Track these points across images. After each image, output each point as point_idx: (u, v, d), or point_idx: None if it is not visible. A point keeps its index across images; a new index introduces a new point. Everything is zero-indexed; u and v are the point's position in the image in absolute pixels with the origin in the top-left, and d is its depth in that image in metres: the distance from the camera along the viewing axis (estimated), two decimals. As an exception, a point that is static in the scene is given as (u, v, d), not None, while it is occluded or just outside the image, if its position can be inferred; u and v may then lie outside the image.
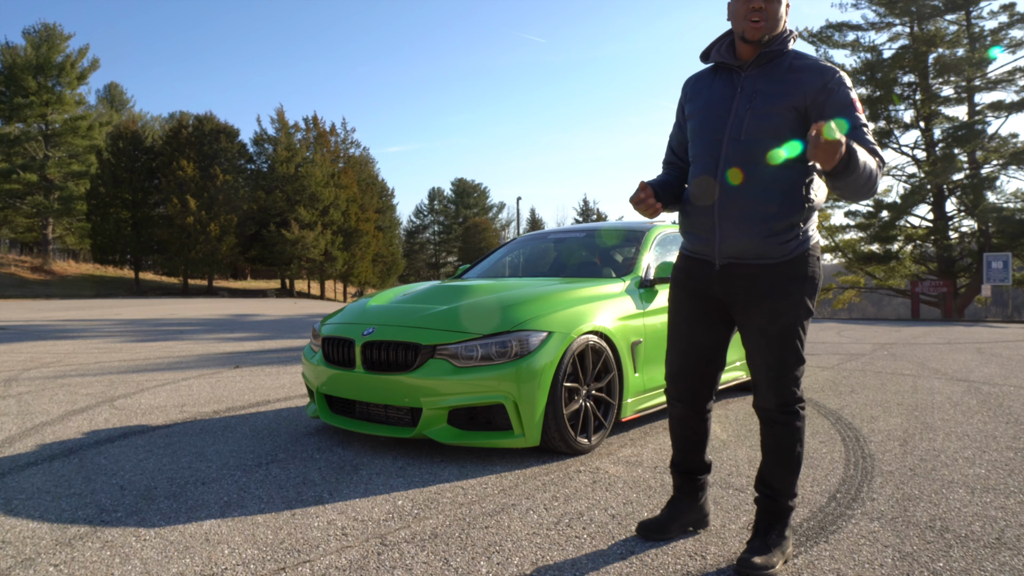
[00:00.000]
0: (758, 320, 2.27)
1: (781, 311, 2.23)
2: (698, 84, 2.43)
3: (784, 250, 2.23)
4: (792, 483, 2.33)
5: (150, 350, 8.90)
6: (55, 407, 4.92)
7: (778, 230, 2.21)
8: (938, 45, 27.86)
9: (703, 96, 2.37)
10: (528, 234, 6.01)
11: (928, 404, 5.11)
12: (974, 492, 3.03)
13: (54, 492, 3.04)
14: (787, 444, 2.31)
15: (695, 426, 2.50)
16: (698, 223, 2.34)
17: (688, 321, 2.42)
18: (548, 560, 2.33)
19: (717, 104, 2.31)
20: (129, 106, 58.82)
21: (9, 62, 39.14)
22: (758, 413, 2.36)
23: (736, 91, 2.28)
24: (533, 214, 68.81)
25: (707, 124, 2.32)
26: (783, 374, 2.25)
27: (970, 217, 28.35)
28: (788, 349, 2.24)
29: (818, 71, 2.21)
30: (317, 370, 3.95)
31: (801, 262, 2.25)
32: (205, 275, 41.07)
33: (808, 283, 2.25)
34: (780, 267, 2.24)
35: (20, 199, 40.60)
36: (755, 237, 2.22)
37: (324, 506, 2.85)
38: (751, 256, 2.25)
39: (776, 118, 2.20)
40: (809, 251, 2.26)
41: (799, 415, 2.30)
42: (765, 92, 2.23)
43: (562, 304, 3.78)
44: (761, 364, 2.29)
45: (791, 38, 2.27)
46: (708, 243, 2.31)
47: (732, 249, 2.26)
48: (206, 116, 42.13)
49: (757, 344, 2.29)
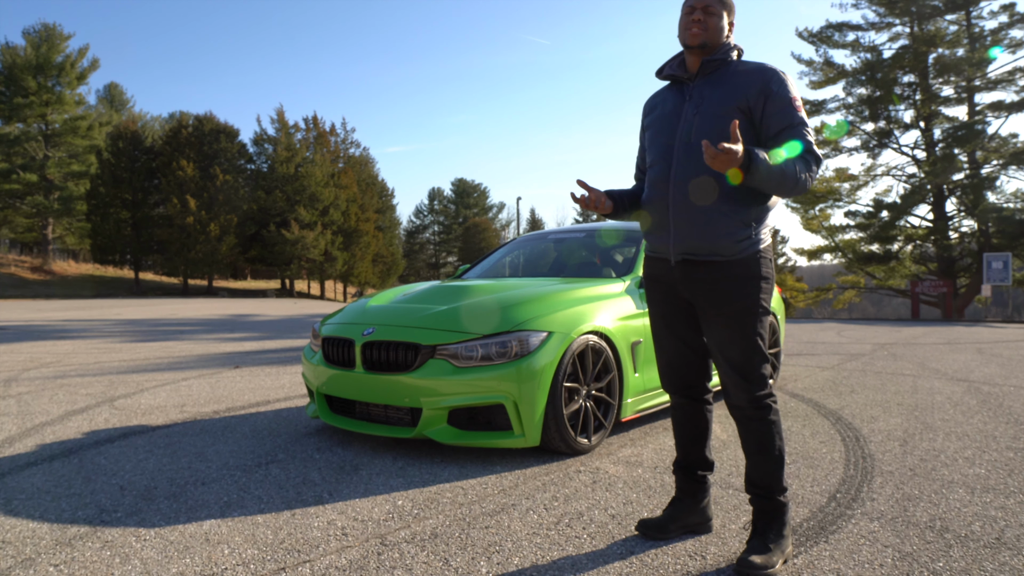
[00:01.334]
0: (715, 318, 2.35)
1: (737, 309, 2.31)
2: (653, 100, 2.59)
3: (735, 249, 2.30)
4: (779, 478, 2.35)
5: (150, 350, 8.90)
6: (55, 407, 4.92)
7: (730, 228, 2.29)
8: (938, 45, 27.88)
9: (658, 109, 2.53)
10: (528, 234, 6.01)
11: (928, 404, 5.11)
12: (974, 492, 3.03)
13: (54, 492, 3.04)
14: (766, 439, 2.34)
15: (693, 417, 2.56)
16: (654, 222, 2.45)
17: (665, 320, 2.52)
18: (548, 560, 2.33)
19: (669, 113, 2.45)
20: (129, 106, 58.83)
21: (9, 62, 39.14)
22: (732, 413, 2.41)
23: (685, 99, 2.42)
24: (533, 214, 68.90)
25: (660, 132, 2.47)
26: (748, 372, 2.31)
27: (970, 217, 28.36)
28: (749, 347, 2.31)
29: (759, 72, 2.31)
30: (317, 370, 3.95)
31: (753, 261, 2.32)
32: (205, 275, 41.07)
33: (763, 283, 2.33)
34: (732, 265, 2.31)
35: (20, 199, 40.60)
36: (706, 235, 2.30)
37: (324, 506, 2.85)
38: (703, 252, 2.33)
39: (723, 119, 2.29)
40: (760, 252, 2.34)
41: (771, 408, 2.35)
42: (710, 97, 2.35)
43: (562, 304, 3.78)
44: (725, 364, 2.35)
45: (735, 51, 2.41)
46: (664, 240, 2.42)
47: (685, 246, 2.35)
48: (206, 116, 42.12)
49: (718, 342, 2.36)
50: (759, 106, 2.28)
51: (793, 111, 2.26)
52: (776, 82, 2.27)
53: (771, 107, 2.26)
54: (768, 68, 2.31)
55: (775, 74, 2.29)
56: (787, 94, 2.27)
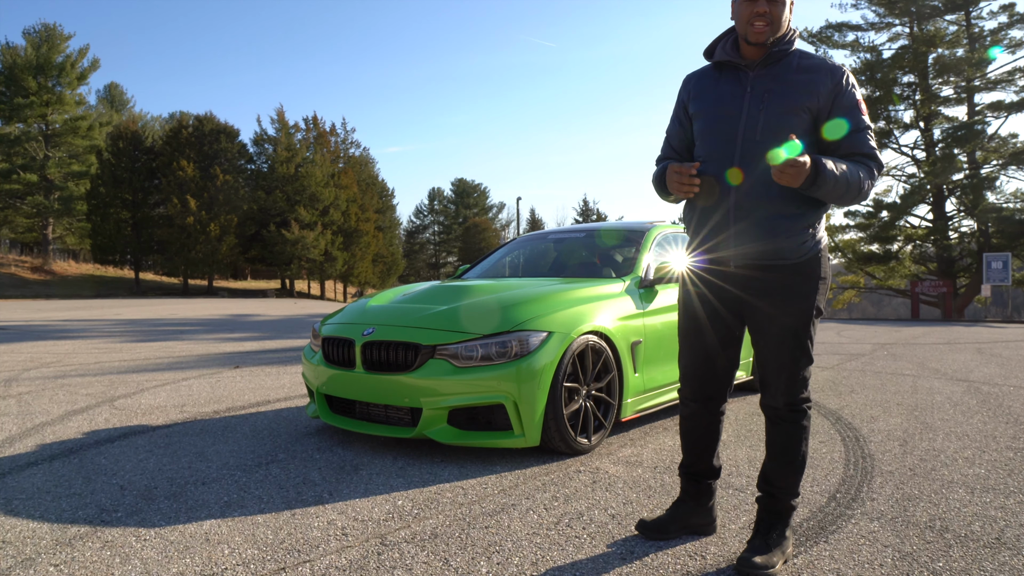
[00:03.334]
0: (769, 320, 2.27)
1: (794, 311, 2.24)
2: (702, 82, 2.38)
3: (800, 251, 2.23)
4: (796, 483, 2.34)
5: (150, 350, 8.90)
6: (55, 407, 4.92)
7: (791, 231, 2.21)
8: (938, 45, 27.86)
9: (709, 95, 2.33)
10: (528, 234, 6.01)
11: (928, 404, 5.11)
12: (974, 492, 3.03)
13: (54, 492, 3.04)
14: (793, 443, 2.31)
15: (707, 426, 2.49)
16: (711, 224, 2.31)
17: (701, 321, 2.40)
18: (548, 560, 2.33)
19: (727, 104, 2.27)
20: (129, 106, 58.83)
21: (9, 62, 39.13)
22: (765, 412, 2.36)
23: (745, 91, 2.25)
24: (533, 214, 68.80)
25: (717, 124, 2.29)
26: (793, 373, 2.26)
27: (970, 217, 28.35)
28: (799, 348, 2.26)
29: (828, 71, 2.22)
30: (317, 370, 3.95)
31: (815, 262, 2.26)
32: (205, 275, 41.06)
33: (821, 283, 2.27)
34: (795, 267, 2.24)
35: (20, 199, 40.59)
36: (768, 238, 2.21)
37: (324, 506, 2.85)
38: (768, 257, 2.24)
39: (791, 118, 2.19)
40: (821, 251, 2.28)
41: (806, 414, 2.31)
42: (777, 93, 2.21)
43: (562, 304, 3.78)
44: (772, 363, 2.29)
45: (795, 37, 2.27)
46: (723, 244, 2.29)
47: (748, 250, 2.25)
48: (206, 116, 42.11)
49: (768, 343, 2.29)
50: (827, 107, 2.19)
51: (860, 114, 2.19)
52: (846, 83, 2.20)
53: (838, 109, 2.19)
54: (837, 67, 2.22)
55: (844, 75, 2.21)
56: (855, 96, 2.20)
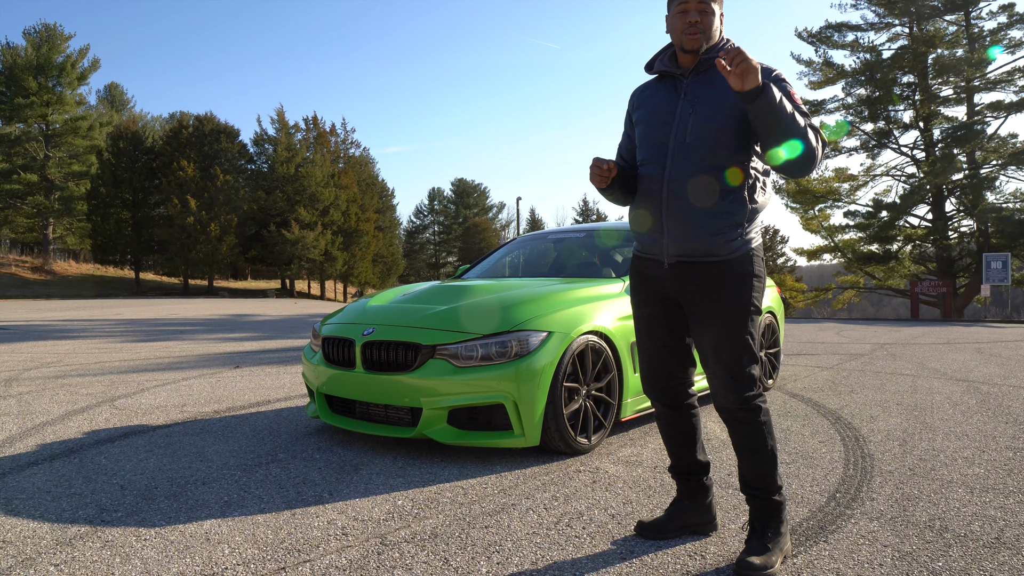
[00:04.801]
0: (707, 320, 2.32)
1: (728, 308, 2.29)
2: (643, 93, 2.53)
3: (729, 248, 2.29)
4: (773, 478, 2.34)
5: (150, 350, 8.90)
6: (56, 407, 4.92)
7: (722, 228, 2.28)
8: (937, 45, 27.87)
9: (648, 104, 2.47)
10: (528, 234, 6.02)
11: (927, 404, 5.11)
12: (973, 492, 3.03)
13: (54, 492, 3.04)
14: (758, 440, 2.32)
15: (679, 424, 2.53)
16: (647, 223, 2.41)
17: (650, 322, 2.49)
18: (548, 560, 2.33)
19: (662, 110, 2.40)
20: (129, 106, 58.84)
21: (9, 62, 39.12)
22: (722, 415, 2.39)
23: (679, 97, 2.37)
24: (533, 214, 68.83)
25: (653, 129, 2.41)
26: (737, 372, 2.29)
27: (969, 217, 28.36)
28: (739, 345, 2.29)
29: None
30: (317, 370, 3.95)
31: (746, 260, 2.31)
32: (205, 275, 41.05)
33: (754, 280, 2.32)
34: (725, 264, 2.30)
35: (21, 199, 40.57)
36: (701, 235, 2.29)
37: (324, 506, 2.85)
38: (697, 254, 2.31)
39: (719, 120, 2.27)
40: (753, 250, 2.34)
41: (761, 409, 2.33)
42: (707, 96, 2.32)
43: (562, 304, 3.79)
44: (713, 362, 2.33)
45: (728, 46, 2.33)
46: (657, 242, 2.39)
47: (679, 247, 2.33)
48: (206, 116, 42.10)
49: (709, 344, 2.33)
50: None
51: (793, 103, 2.21)
52: (772, 79, 2.24)
53: None
54: (765, 68, 2.27)
55: (770, 72, 2.26)
56: (786, 88, 2.23)
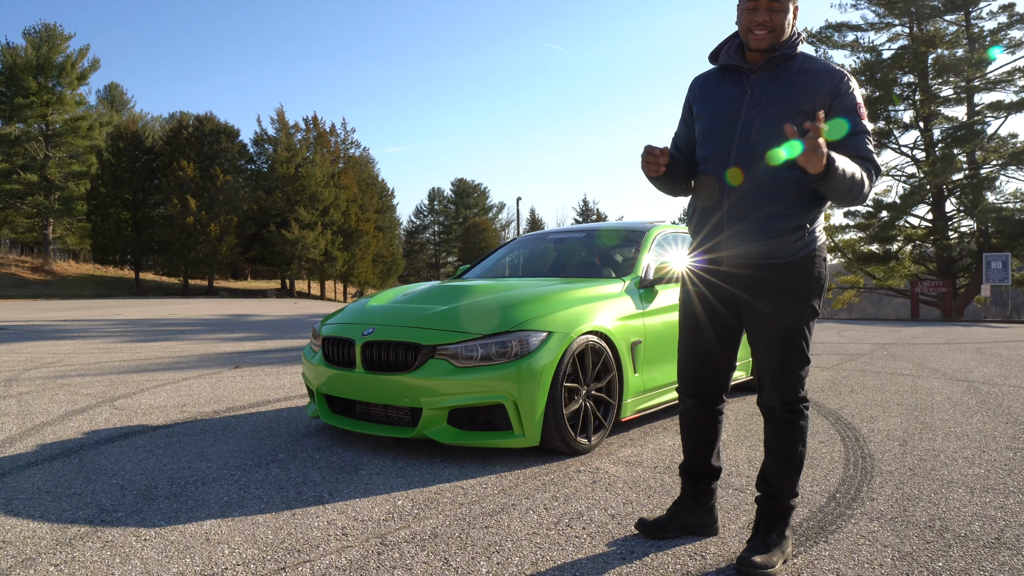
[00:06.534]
0: (764, 319, 2.28)
1: (787, 310, 2.25)
2: (707, 84, 2.43)
3: (792, 250, 2.24)
4: (794, 483, 2.34)
5: (150, 350, 8.90)
6: (55, 407, 4.92)
7: (785, 231, 2.23)
8: (937, 45, 27.87)
9: (712, 97, 2.38)
10: (528, 234, 6.01)
11: (927, 404, 5.11)
12: (973, 492, 3.03)
13: (54, 492, 3.04)
14: (790, 443, 2.32)
15: (705, 424, 2.50)
16: (707, 224, 2.35)
17: (698, 319, 2.43)
18: (548, 560, 2.33)
19: (727, 106, 2.32)
20: (129, 106, 58.81)
21: (9, 62, 39.12)
22: (762, 411, 2.38)
23: (746, 93, 2.29)
24: (533, 214, 68.77)
25: (717, 126, 2.33)
26: (788, 373, 2.27)
27: (969, 217, 28.35)
28: (793, 348, 2.26)
29: (827, 75, 2.22)
30: (317, 370, 3.95)
31: (808, 262, 2.26)
32: (205, 275, 41.06)
33: (814, 283, 2.27)
34: (787, 266, 2.25)
35: (21, 199, 40.57)
36: (763, 238, 2.24)
37: (324, 506, 2.85)
38: (759, 256, 2.26)
39: (786, 121, 2.18)
40: (816, 251, 2.28)
41: (803, 414, 2.32)
42: (775, 95, 2.24)
43: (562, 304, 3.79)
44: (766, 363, 2.31)
45: (799, 41, 2.28)
46: (720, 245, 2.32)
47: (741, 250, 2.28)
48: (206, 116, 42.12)
49: (763, 343, 2.31)
50: (825, 110, 2.18)
51: (859, 118, 2.19)
52: (845, 86, 2.20)
53: (837, 111, 2.19)
54: (836, 71, 2.23)
55: (844, 78, 2.21)
56: (854, 100, 2.20)
